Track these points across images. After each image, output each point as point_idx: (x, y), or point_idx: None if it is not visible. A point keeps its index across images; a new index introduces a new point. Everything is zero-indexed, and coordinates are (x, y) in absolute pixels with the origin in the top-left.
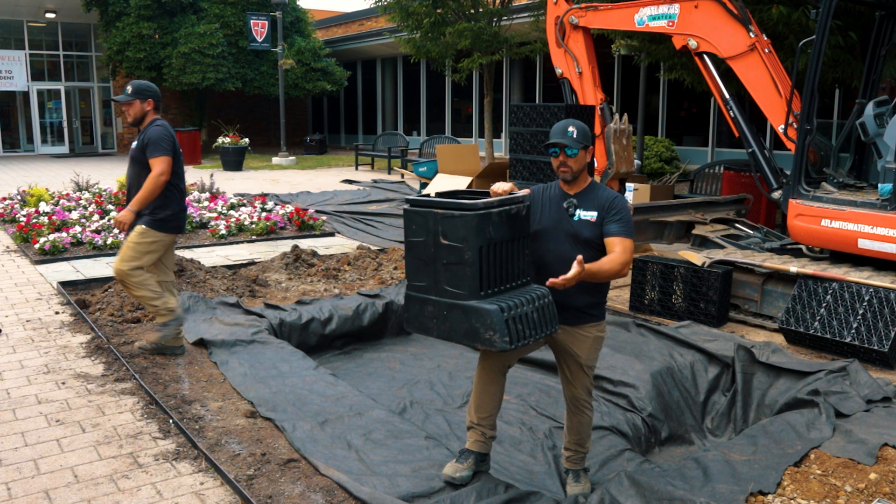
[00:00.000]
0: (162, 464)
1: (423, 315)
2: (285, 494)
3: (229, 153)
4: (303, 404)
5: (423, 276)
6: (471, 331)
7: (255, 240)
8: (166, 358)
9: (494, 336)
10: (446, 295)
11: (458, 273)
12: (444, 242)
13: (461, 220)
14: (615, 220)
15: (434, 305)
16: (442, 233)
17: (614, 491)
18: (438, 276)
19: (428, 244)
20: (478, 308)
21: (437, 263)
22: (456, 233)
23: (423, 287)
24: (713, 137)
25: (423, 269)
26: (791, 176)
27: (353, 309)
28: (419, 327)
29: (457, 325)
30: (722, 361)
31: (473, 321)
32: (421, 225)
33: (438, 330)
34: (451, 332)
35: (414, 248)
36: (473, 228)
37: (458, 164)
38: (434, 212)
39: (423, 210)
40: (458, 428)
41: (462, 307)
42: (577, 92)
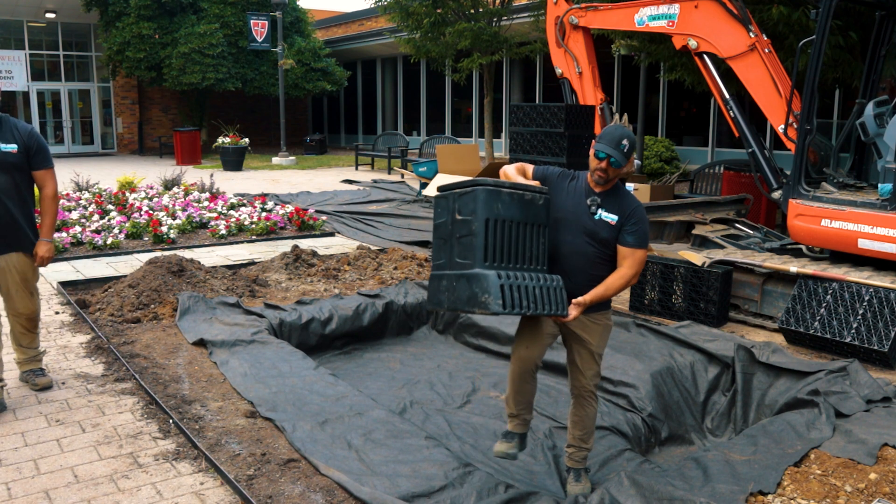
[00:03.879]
0: (162, 464)
1: (439, 290)
2: (285, 494)
3: (229, 153)
4: (303, 404)
5: (442, 254)
6: (471, 296)
7: (255, 240)
8: (166, 358)
9: (489, 299)
10: (457, 267)
11: (467, 244)
12: (459, 218)
13: (471, 195)
14: (633, 231)
15: (447, 279)
16: (458, 209)
17: (614, 491)
18: (453, 251)
19: (447, 223)
20: (478, 273)
21: (452, 239)
22: (467, 207)
23: (441, 264)
24: (713, 137)
25: (442, 247)
26: (791, 176)
27: (353, 309)
28: (435, 302)
29: (461, 292)
30: (722, 361)
31: (474, 286)
32: (444, 207)
33: (448, 301)
34: (457, 301)
35: (438, 230)
36: (482, 202)
37: (459, 164)
38: (454, 192)
39: (445, 193)
40: (458, 428)
41: (466, 276)
42: (577, 92)
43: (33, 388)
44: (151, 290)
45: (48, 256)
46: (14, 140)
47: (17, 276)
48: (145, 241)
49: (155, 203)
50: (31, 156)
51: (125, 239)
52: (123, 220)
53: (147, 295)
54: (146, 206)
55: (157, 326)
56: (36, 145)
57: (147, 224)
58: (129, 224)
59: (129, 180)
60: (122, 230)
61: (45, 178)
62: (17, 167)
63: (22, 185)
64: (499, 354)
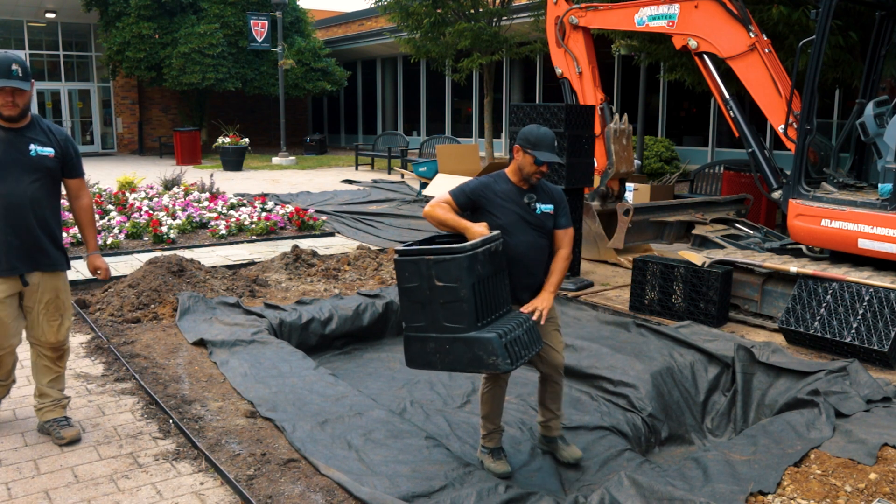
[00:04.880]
0: (162, 464)
1: (426, 352)
2: (285, 494)
3: (229, 153)
4: (303, 404)
5: (421, 317)
6: (474, 359)
7: (255, 240)
8: (166, 358)
9: (497, 360)
10: (446, 331)
11: (456, 310)
12: (439, 284)
13: (454, 263)
14: (564, 214)
15: (435, 342)
16: (436, 276)
17: (614, 491)
18: (437, 315)
19: (423, 288)
20: (478, 338)
21: (433, 304)
22: (450, 274)
23: (422, 327)
24: (713, 137)
25: (420, 310)
26: (791, 176)
27: (353, 309)
28: (423, 363)
29: (460, 355)
30: (722, 361)
31: (476, 350)
32: (413, 272)
33: (443, 363)
34: (456, 363)
35: (409, 293)
36: (465, 269)
37: (458, 164)
38: (425, 258)
39: (414, 258)
40: (458, 428)
41: (463, 339)
42: (577, 92)
43: (58, 441)
44: (151, 290)
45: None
46: (51, 143)
47: (48, 296)
48: (145, 241)
49: (155, 203)
50: (65, 162)
51: (125, 239)
52: (123, 220)
53: (147, 295)
54: (146, 206)
55: (157, 326)
56: (72, 150)
57: (147, 224)
58: (129, 224)
59: (129, 180)
60: (122, 230)
61: (81, 187)
62: (52, 173)
63: (55, 195)
64: None
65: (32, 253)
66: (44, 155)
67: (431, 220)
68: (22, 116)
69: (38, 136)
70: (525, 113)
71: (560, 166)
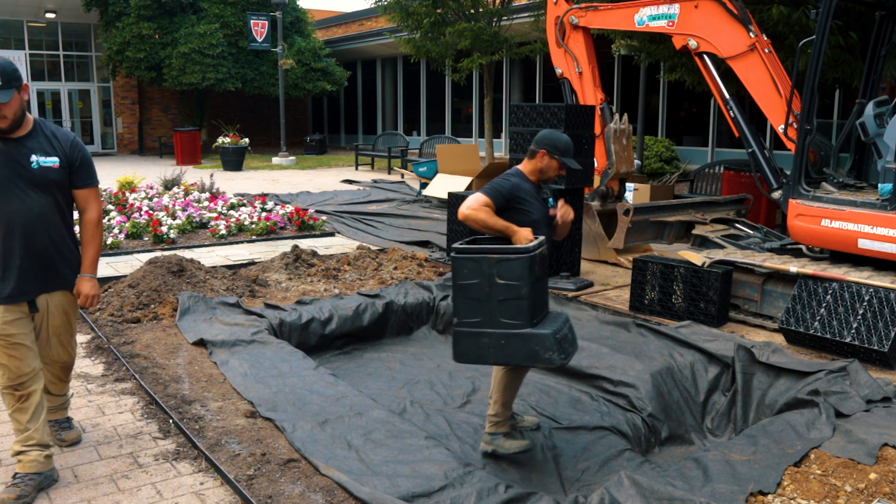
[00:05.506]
0: (162, 464)
1: (479, 346)
2: (285, 494)
3: (229, 153)
4: (303, 404)
5: (477, 313)
6: (531, 353)
7: (255, 240)
8: (166, 358)
9: (553, 355)
10: (502, 326)
11: (515, 307)
12: (501, 282)
13: (518, 262)
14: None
15: (490, 337)
16: (498, 274)
17: (614, 491)
18: (494, 312)
19: (482, 285)
20: (535, 334)
21: (491, 301)
22: (513, 273)
23: (477, 322)
24: (713, 137)
25: (476, 307)
26: (791, 176)
27: (353, 309)
28: (474, 358)
29: (515, 350)
30: (722, 361)
31: (533, 345)
32: (473, 269)
33: (496, 357)
34: (511, 357)
35: (466, 290)
36: (528, 268)
37: (458, 165)
38: (489, 257)
39: (475, 256)
40: (459, 428)
41: (520, 335)
42: (577, 92)
43: (59, 444)
44: (151, 289)
45: (94, 295)
46: (55, 152)
47: (58, 320)
48: (145, 241)
49: (155, 203)
50: (73, 171)
51: (125, 239)
52: (123, 220)
53: (147, 295)
54: (146, 206)
55: (157, 326)
56: (80, 158)
57: (147, 224)
58: (129, 224)
59: (128, 180)
60: (122, 230)
61: (89, 198)
62: (59, 185)
63: (66, 208)
64: None
65: (43, 276)
66: (47, 166)
67: (474, 224)
68: (16, 126)
69: (41, 146)
70: (525, 113)
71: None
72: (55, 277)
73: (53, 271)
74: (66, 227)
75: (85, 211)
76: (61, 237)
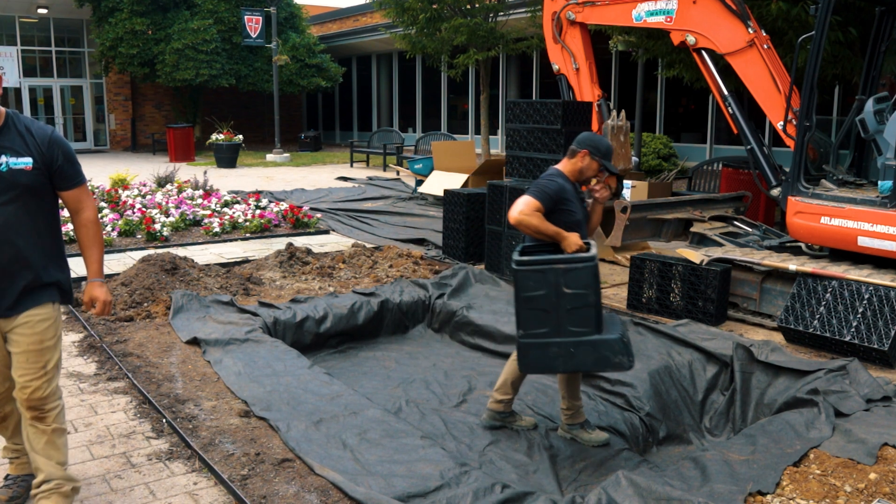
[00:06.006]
0: (155, 464)
1: (548, 356)
2: (279, 494)
3: (223, 150)
4: (297, 403)
5: (544, 324)
6: (601, 359)
7: (249, 237)
8: (159, 356)
9: (623, 359)
10: (571, 335)
11: (583, 315)
12: (568, 292)
13: (585, 271)
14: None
15: (559, 346)
16: (565, 284)
17: (612, 491)
18: (562, 321)
19: (549, 296)
20: (605, 340)
21: (559, 311)
22: (580, 281)
23: (545, 333)
24: (711, 134)
25: (543, 317)
26: (790, 173)
27: (348, 307)
28: (543, 368)
29: (585, 357)
30: (720, 360)
31: (603, 351)
32: (540, 281)
33: (565, 366)
34: (580, 365)
35: (532, 302)
36: (594, 276)
37: (454, 162)
38: (555, 267)
39: (541, 268)
40: (454, 427)
41: (590, 342)
42: (574, 88)
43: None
44: (144, 288)
45: (109, 301)
46: (28, 151)
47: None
48: (138, 238)
49: (148, 200)
50: (53, 171)
51: (118, 237)
52: (116, 217)
53: (140, 293)
54: (139, 203)
55: (150, 325)
56: (61, 156)
57: (140, 222)
58: (121, 222)
59: (121, 177)
60: (114, 228)
61: (80, 197)
62: (33, 190)
63: (39, 216)
64: (495, 353)
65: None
66: (18, 169)
67: (526, 229)
68: None
69: (11, 144)
70: (522, 109)
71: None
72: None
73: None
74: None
75: (79, 212)
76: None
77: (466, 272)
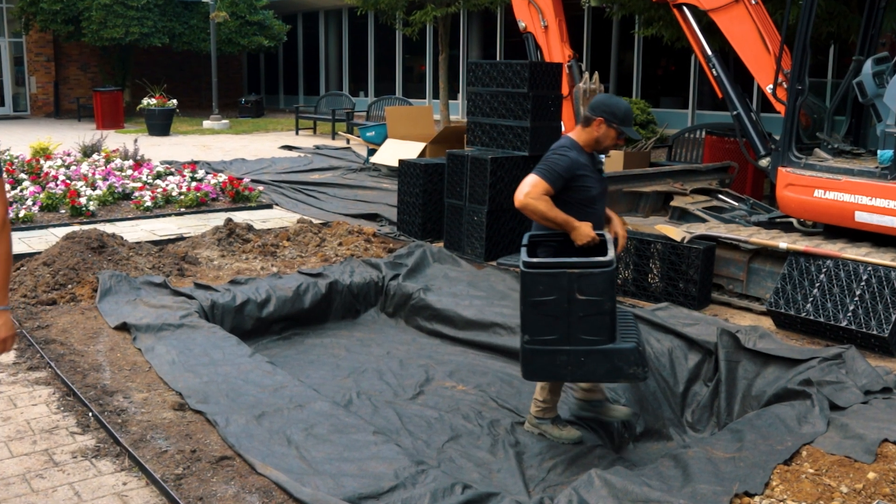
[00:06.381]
0: (80, 462)
1: (555, 364)
2: (217, 496)
3: (155, 116)
4: (237, 395)
5: (554, 330)
6: (613, 370)
7: (183, 212)
8: (85, 344)
9: (638, 370)
10: (583, 343)
11: (597, 322)
12: (581, 298)
13: (601, 277)
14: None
15: (568, 355)
16: (579, 289)
17: (583, 492)
18: (572, 329)
19: (560, 301)
20: (618, 349)
21: (570, 317)
22: (595, 287)
23: (554, 340)
24: (694, 99)
25: (553, 324)
26: (780, 141)
27: (294, 289)
28: (550, 375)
29: (596, 367)
30: (703, 348)
31: (616, 361)
32: (551, 285)
33: (574, 374)
34: (590, 375)
35: (541, 307)
36: (611, 283)
37: (410, 129)
38: (568, 272)
39: (553, 272)
40: (410, 422)
41: (602, 351)
42: (542, 48)
43: None
44: (69, 268)
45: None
46: None
47: None
48: (62, 213)
49: (73, 172)
50: None
51: (39, 211)
52: (38, 190)
53: (64, 274)
54: (63, 175)
55: (76, 309)
56: None
57: (64, 195)
58: (43, 195)
59: (43, 146)
60: (35, 202)
61: None
62: None
63: None
64: (455, 340)
65: None
66: None
67: (532, 215)
68: None
69: None
70: (484, 71)
71: (523, 131)
72: None
73: None
74: None
75: None
76: None
77: (423, 251)
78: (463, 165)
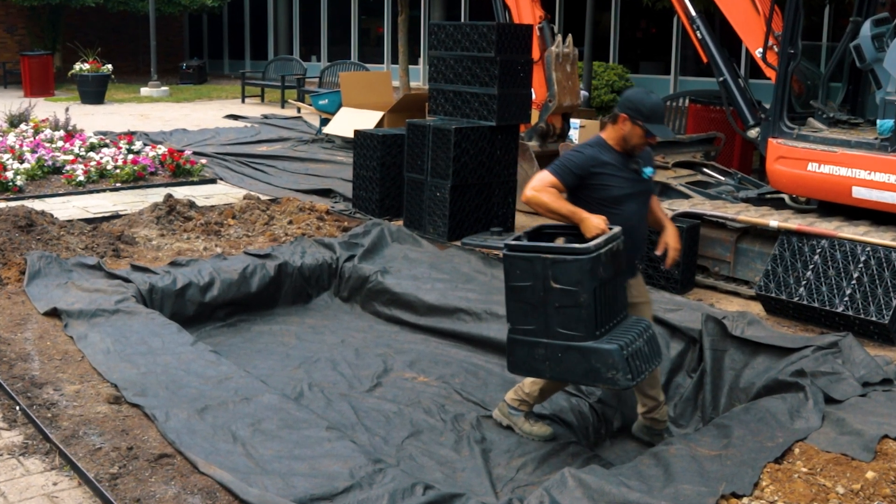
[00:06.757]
0: (7, 460)
1: (534, 358)
2: (156, 497)
3: (88, 83)
4: (178, 388)
5: (532, 320)
6: (591, 371)
7: (119, 188)
8: (12, 331)
9: (617, 374)
10: (559, 337)
11: (573, 315)
12: (556, 287)
13: (575, 265)
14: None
15: (546, 348)
16: (553, 277)
17: (556, 493)
18: (550, 320)
19: (536, 289)
20: (597, 349)
21: (547, 307)
22: (569, 277)
23: (532, 331)
24: (676, 64)
25: (530, 312)
26: (771, 110)
27: (239, 272)
28: (529, 370)
29: (574, 365)
30: (687, 336)
31: (593, 361)
32: (526, 270)
33: (552, 371)
34: (568, 373)
35: (518, 293)
36: (588, 272)
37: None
38: (542, 257)
39: (527, 255)
40: (366, 416)
41: (579, 349)
42: (510, 8)
43: None
44: None
45: None
46: None
47: None
48: None
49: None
50: None
51: None
52: None
53: None
54: None
55: (1, 293)
56: None
57: None
58: None
59: None
60: None
61: None
62: None
63: None
64: (416, 327)
65: None
66: None
67: (537, 208)
68: None
69: None
70: (448, 34)
71: (490, 98)
72: None
73: None
74: None
75: None
76: None
77: (381, 229)
78: (424, 136)
